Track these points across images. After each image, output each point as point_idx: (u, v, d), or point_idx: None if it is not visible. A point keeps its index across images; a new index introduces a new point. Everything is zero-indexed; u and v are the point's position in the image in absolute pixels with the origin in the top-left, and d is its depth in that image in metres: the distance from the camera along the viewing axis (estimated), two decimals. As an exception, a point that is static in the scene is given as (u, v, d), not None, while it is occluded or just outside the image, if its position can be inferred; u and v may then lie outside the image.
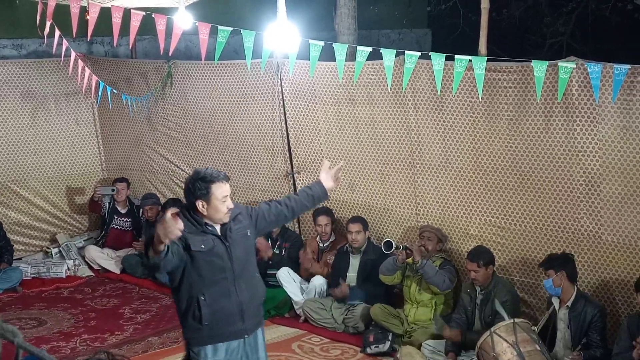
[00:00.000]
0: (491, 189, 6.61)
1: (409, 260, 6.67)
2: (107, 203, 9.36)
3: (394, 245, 6.59)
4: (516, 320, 5.74)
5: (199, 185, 4.45)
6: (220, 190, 4.48)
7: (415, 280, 6.77)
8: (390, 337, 6.65)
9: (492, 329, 5.68)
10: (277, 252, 7.83)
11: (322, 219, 7.59)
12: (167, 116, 9.18)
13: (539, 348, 5.55)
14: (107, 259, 9.10)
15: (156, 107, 9.20)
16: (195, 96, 8.80)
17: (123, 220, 9.39)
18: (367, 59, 5.99)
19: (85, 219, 9.90)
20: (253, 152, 8.43)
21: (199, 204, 4.47)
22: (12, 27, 9.73)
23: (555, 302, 5.87)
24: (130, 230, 9.38)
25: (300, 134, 7.93)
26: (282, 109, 7.98)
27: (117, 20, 6.23)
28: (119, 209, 9.37)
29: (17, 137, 9.28)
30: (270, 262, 7.62)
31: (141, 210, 9.28)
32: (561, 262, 5.79)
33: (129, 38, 6.44)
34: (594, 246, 6.10)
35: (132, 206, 9.40)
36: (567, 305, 5.79)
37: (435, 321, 6.62)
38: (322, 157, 7.73)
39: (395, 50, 5.76)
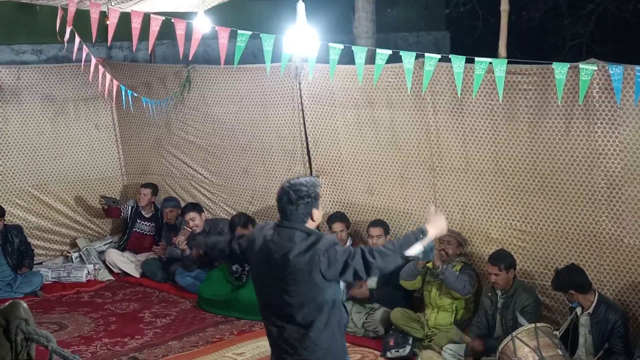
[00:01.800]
0: (512, 191, 6.57)
1: (429, 265, 6.65)
2: (130, 207, 9.40)
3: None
4: (538, 324, 5.70)
5: (317, 191, 4.12)
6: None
7: (436, 285, 6.74)
8: (410, 342, 6.62)
9: (514, 333, 5.65)
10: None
11: (337, 226, 7.53)
12: (186, 120, 9.20)
13: (561, 353, 5.50)
14: (127, 262, 9.13)
15: (175, 111, 9.22)
16: (214, 100, 8.81)
17: (146, 224, 9.43)
18: (386, 62, 5.97)
19: (105, 223, 9.95)
20: (272, 155, 8.43)
21: (316, 214, 4.12)
22: (32, 33, 9.80)
23: (578, 309, 5.82)
24: (152, 235, 9.41)
25: (319, 137, 7.92)
26: (301, 112, 7.97)
27: (136, 25, 6.25)
28: (143, 213, 9.42)
29: (38, 142, 9.33)
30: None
31: (160, 214, 9.33)
32: (568, 281, 5.73)
33: (148, 43, 6.44)
34: (616, 249, 6.04)
35: (156, 211, 9.43)
36: (589, 312, 5.73)
37: (455, 332, 6.57)
38: (342, 160, 7.73)
39: (415, 53, 5.73)
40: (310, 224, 4.10)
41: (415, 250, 4.03)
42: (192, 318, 7.70)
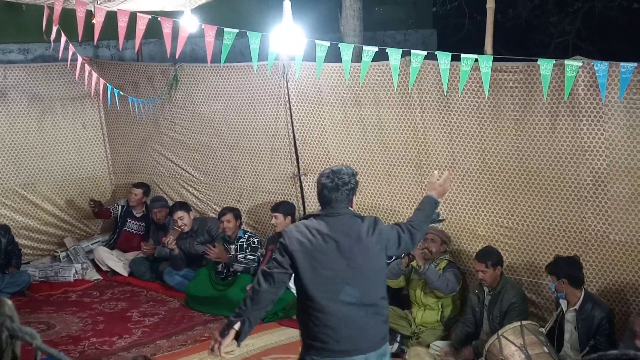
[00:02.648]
0: (498, 189, 6.60)
1: (413, 264, 6.67)
2: (120, 206, 9.40)
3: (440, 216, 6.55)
4: (524, 322, 5.72)
5: (357, 179, 4.36)
6: None
7: (420, 284, 6.75)
8: (398, 339, 6.65)
9: (500, 332, 5.66)
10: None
11: None
12: (173, 119, 9.20)
13: (547, 350, 5.53)
14: (115, 260, 9.12)
15: (163, 110, 9.21)
16: (201, 99, 8.81)
17: (136, 224, 9.43)
18: (372, 60, 5.98)
19: (93, 223, 9.93)
20: (260, 154, 8.44)
21: (354, 201, 4.39)
22: (18, 32, 9.76)
23: (563, 303, 5.84)
24: (141, 234, 9.41)
25: (307, 135, 7.93)
26: (288, 111, 7.98)
27: (123, 24, 6.24)
28: (134, 212, 9.41)
29: (25, 142, 9.31)
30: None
31: (150, 214, 9.34)
32: (565, 270, 5.74)
33: (135, 41, 6.44)
34: (602, 246, 6.08)
35: (147, 211, 9.43)
36: (575, 308, 5.76)
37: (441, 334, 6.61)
38: (329, 158, 7.75)
39: (401, 50, 5.75)
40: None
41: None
42: (181, 317, 7.69)
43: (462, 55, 5.56)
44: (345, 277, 4.14)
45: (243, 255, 7.95)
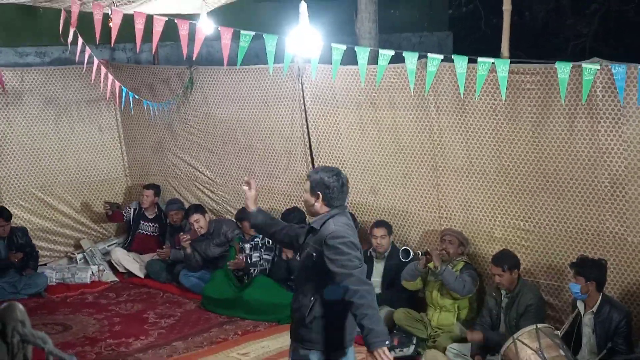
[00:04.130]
0: (515, 191, 6.57)
1: (430, 265, 6.66)
2: (133, 209, 9.43)
3: (411, 253, 6.59)
4: (539, 325, 5.67)
5: None
6: None
7: (437, 286, 6.73)
8: (414, 341, 6.63)
9: (515, 336, 5.62)
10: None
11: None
12: (189, 122, 9.22)
13: (563, 353, 5.49)
14: (132, 262, 9.14)
15: (178, 112, 9.24)
16: (217, 101, 8.83)
17: (150, 225, 9.45)
18: (388, 63, 5.97)
19: (109, 225, 9.96)
20: (274, 156, 8.44)
21: None
22: (35, 35, 9.82)
23: (581, 306, 5.80)
24: (157, 236, 9.43)
25: (322, 138, 7.93)
26: (303, 113, 7.98)
27: (139, 26, 6.26)
28: (146, 214, 9.44)
29: (41, 144, 9.36)
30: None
31: (163, 215, 9.36)
32: (594, 272, 5.66)
33: (152, 44, 6.46)
34: (620, 248, 6.04)
35: (160, 212, 9.45)
36: (592, 311, 5.72)
37: (458, 328, 6.58)
38: (344, 161, 7.74)
39: (417, 53, 5.74)
40: None
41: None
42: (197, 318, 7.70)
43: (479, 59, 5.53)
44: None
45: (258, 255, 7.97)
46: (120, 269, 9.16)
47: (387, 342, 4.14)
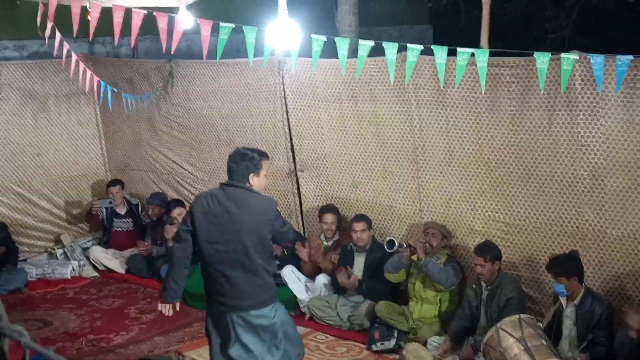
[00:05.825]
0: (495, 184, 6.59)
1: (414, 257, 6.67)
2: (104, 208, 9.35)
3: (396, 244, 6.59)
4: (522, 315, 5.72)
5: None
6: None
7: (420, 278, 6.76)
8: (395, 334, 6.64)
9: (498, 324, 5.66)
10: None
11: (329, 217, 7.58)
12: (169, 116, 9.18)
13: (545, 343, 5.52)
14: (111, 259, 9.10)
15: (158, 106, 9.19)
16: (197, 95, 8.79)
17: (123, 221, 9.41)
18: (369, 56, 5.95)
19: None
20: (256, 150, 8.40)
21: (255, 180, 5.24)
22: (13, 28, 9.74)
23: (563, 299, 5.84)
24: (133, 231, 9.38)
25: (303, 131, 7.92)
26: (284, 106, 7.96)
27: (118, 19, 6.19)
28: (117, 211, 9.38)
29: (20, 139, 9.29)
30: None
31: (140, 208, 9.31)
32: (573, 267, 5.72)
33: (130, 38, 6.40)
34: (599, 241, 6.07)
35: (130, 206, 9.41)
36: (575, 303, 5.76)
37: (438, 329, 6.62)
38: (325, 154, 7.73)
39: (397, 44, 5.72)
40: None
41: None
42: (178, 313, 7.61)
43: (458, 49, 5.53)
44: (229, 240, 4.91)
45: None
46: (100, 267, 9.12)
47: None
